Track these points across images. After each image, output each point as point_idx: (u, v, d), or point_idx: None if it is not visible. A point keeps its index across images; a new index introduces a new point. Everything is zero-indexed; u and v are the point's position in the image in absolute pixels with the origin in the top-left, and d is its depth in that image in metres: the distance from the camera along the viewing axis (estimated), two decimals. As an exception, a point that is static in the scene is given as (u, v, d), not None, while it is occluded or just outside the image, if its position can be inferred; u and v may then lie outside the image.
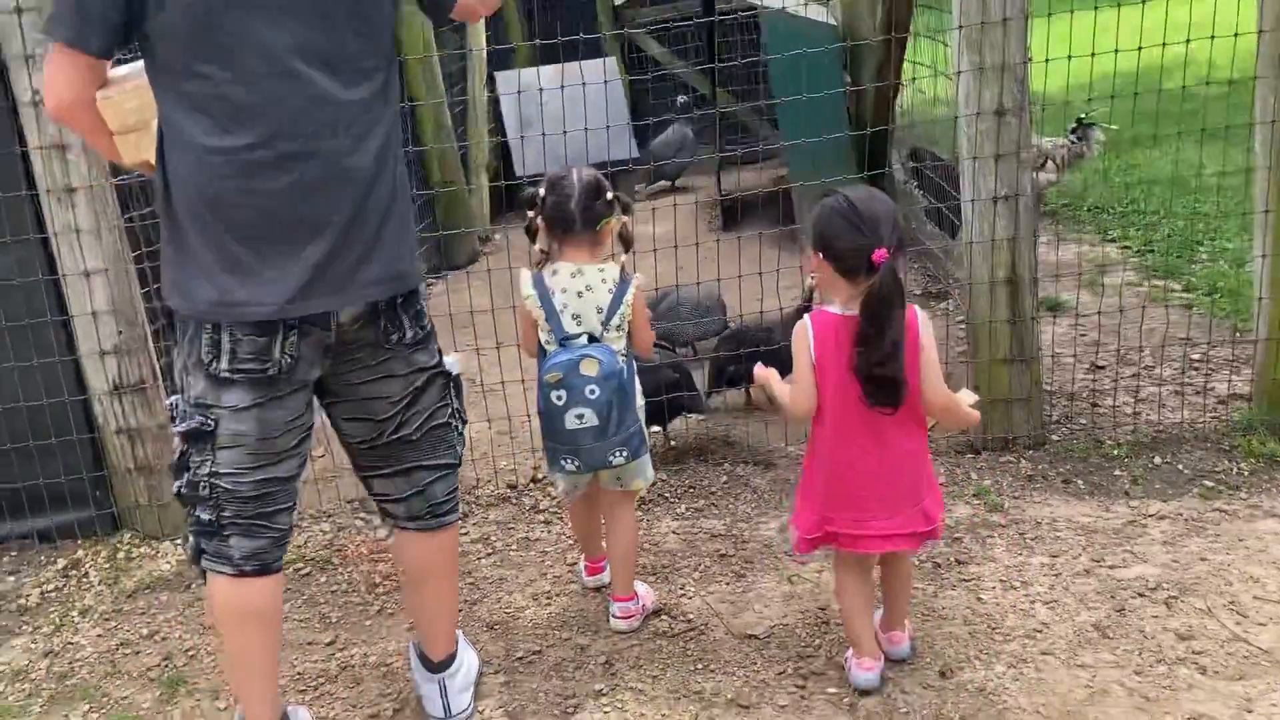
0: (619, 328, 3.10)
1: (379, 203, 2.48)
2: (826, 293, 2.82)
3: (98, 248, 3.97)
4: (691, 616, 3.45)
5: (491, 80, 9.18)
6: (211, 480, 2.53)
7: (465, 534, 4.09)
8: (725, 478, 4.30)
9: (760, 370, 3.00)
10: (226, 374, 2.46)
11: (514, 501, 4.30)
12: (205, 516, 2.57)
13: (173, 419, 2.60)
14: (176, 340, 2.55)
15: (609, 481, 3.24)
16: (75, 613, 3.84)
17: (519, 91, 8.11)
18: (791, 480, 4.12)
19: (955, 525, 3.83)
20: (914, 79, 6.22)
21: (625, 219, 3.15)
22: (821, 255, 2.71)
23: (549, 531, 4.08)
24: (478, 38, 8.70)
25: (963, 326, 5.59)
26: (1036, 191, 4.02)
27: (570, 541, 3.95)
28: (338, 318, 2.49)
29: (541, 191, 3.09)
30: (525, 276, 3.16)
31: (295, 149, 2.37)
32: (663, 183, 9.24)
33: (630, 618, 3.37)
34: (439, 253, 7.76)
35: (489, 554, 3.96)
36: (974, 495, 4.03)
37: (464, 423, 2.88)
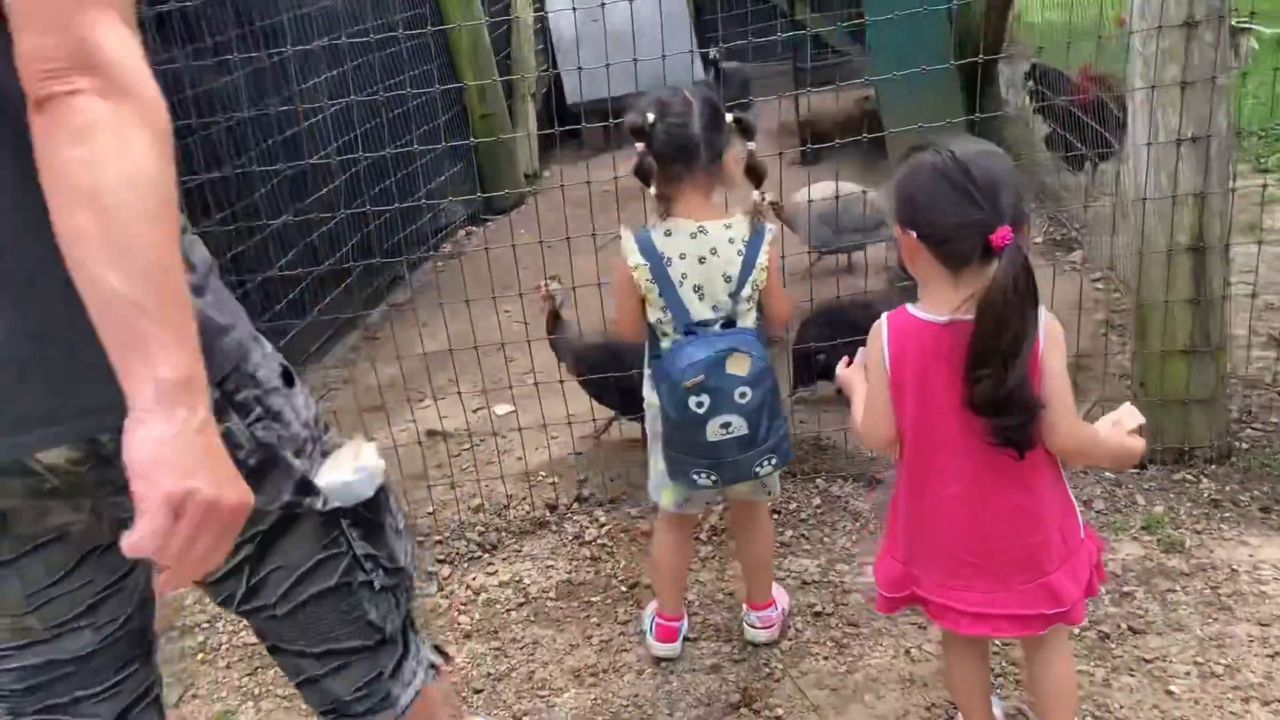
0: (750, 298, 2.45)
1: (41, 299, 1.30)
2: (920, 284, 2.03)
3: None
4: (780, 712, 2.62)
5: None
6: None
7: (492, 573, 3.29)
8: (818, 499, 3.43)
9: (844, 373, 2.22)
10: None
11: (554, 528, 3.48)
12: None
13: None
14: None
15: (747, 491, 2.67)
16: None
17: (573, 8, 7.13)
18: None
19: (1122, 573, 2.94)
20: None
21: (750, 145, 2.49)
22: (914, 233, 1.92)
23: (597, 572, 3.25)
24: (522, -52, 7.72)
25: (1098, 286, 4.62)
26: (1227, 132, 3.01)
27: (624, 589, 3.13)
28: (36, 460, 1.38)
29: (650, 116, 2.39)
30: (628, 237, 2.47)
31: None
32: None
33: (771, 627, 2.88)
34: (479, 195, 6.88)
35: (520, 603, 3.15)
36: (1142, 528, 3.12)
37: (393, 572, 1.69)
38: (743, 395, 2.38)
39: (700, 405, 2.38)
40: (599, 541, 3.37)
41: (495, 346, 4.27)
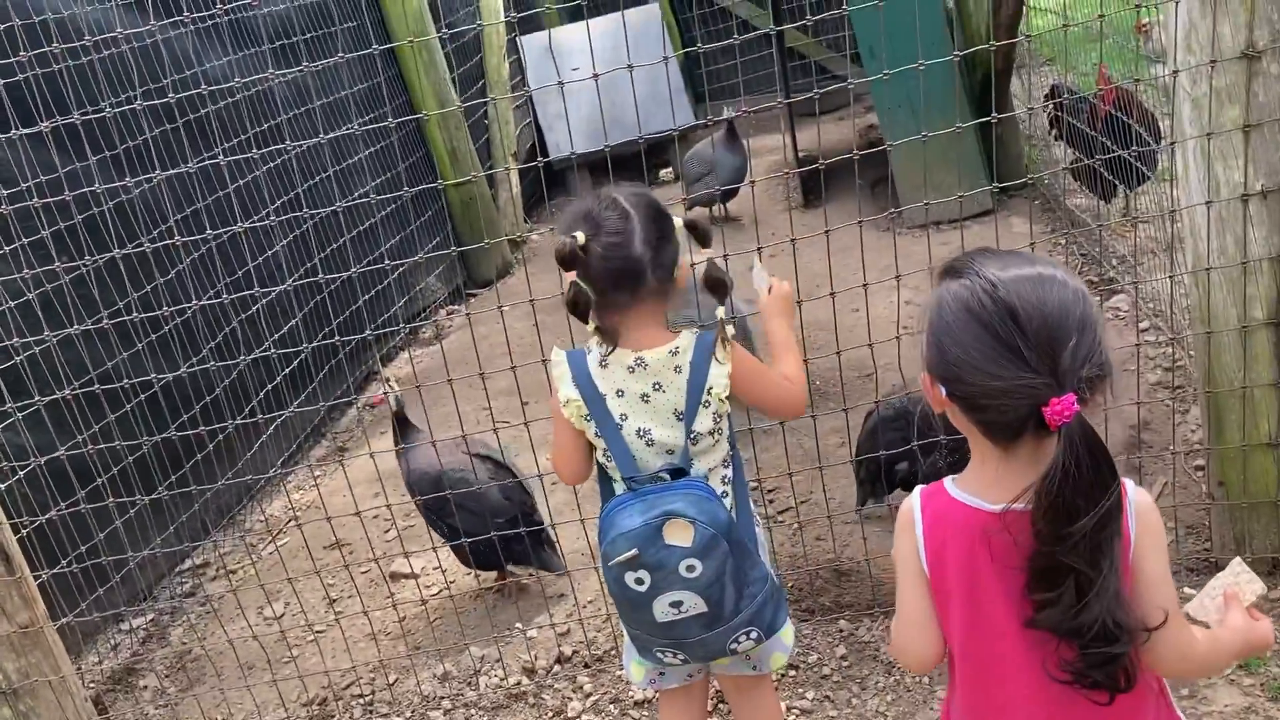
0: (715, 430, 2.01)
1: None
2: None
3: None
4: None
5: (514, 47, 7.72)
6: None
7: (461, 766, 2.76)
8: (842, 648, 2.86)
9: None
10: None
11: (531, 701, 2.93)
12: None
13: None
14: None
15: (733, 665, 2.16)
16: None
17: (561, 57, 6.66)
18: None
19: (1222, 734, 2.37)
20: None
21: (708, 253, 2.05)
22: (945, 392, 1.43)
23: (583, 761, 2.71)
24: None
25: (1148, 338, 4.05)
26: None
27: (614, 787, 2.59)
28: None
29: (580, 236, 1.93)
30: (560, 361, 2.05)
31: None
32: (700, 209, 5.82)
33: None
34: (460, 269, 6.39)
35: (491, 811, 2.62)
36: (1240, 667, 2.55)
37: None
38: (691, 569, 1.90)
39: (640, 583, 1.92)
40: (583, 718, 2.82)
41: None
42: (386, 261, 5.29)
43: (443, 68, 6.29)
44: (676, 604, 1.92)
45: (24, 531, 3.11)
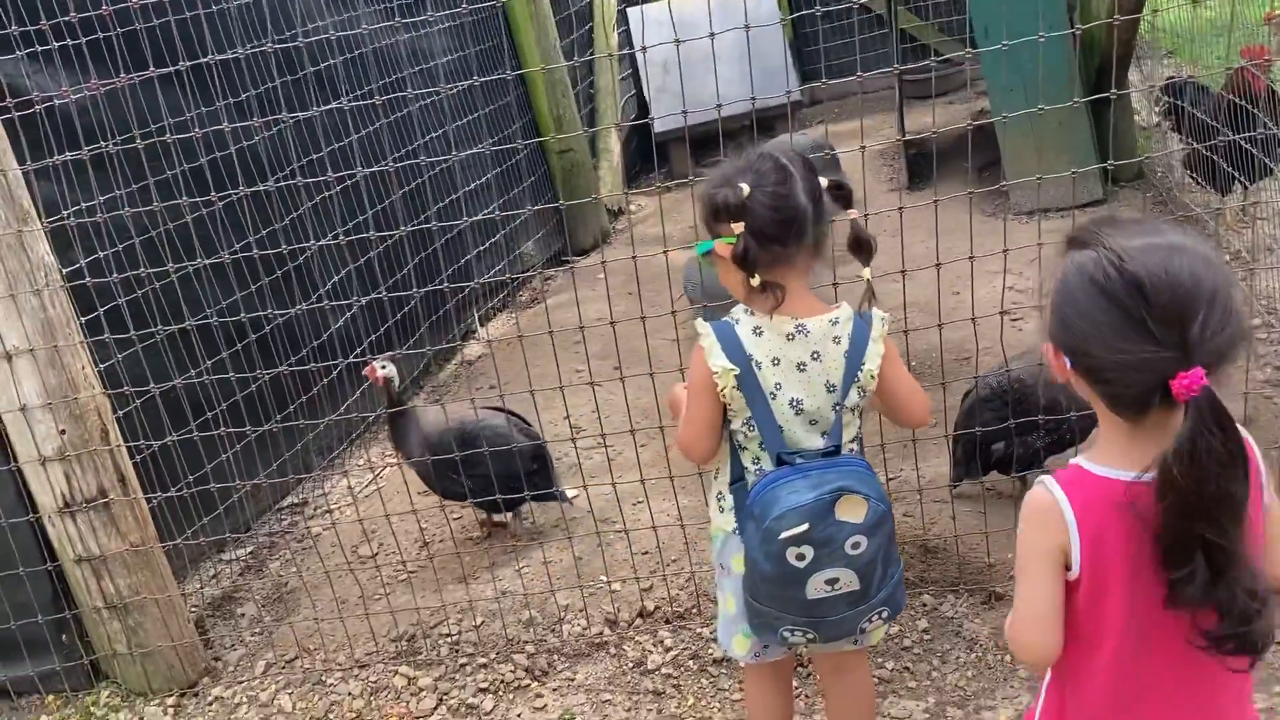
0: (856, 409, 2.01)
1: None
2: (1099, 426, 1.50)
3: (16, 319, 2.85)
4: None
5: (624, 18, 7.76)
6: None
7: (540, 707, 2.83)
8: (925, 621, 2.87)
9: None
10: None
11: (613, 650, 2.99)
12: None
13: None
14: None
15: (845, 643, 2.10)
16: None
17: (671, 28, 6.65)
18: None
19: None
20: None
21: (852, 213, 2.02)
22: (1070, 363, 1.43)
23: (659, 711, 2.76)
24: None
25: (1260, 335, 3.94)
26: None
27: (692, 737, 2.64)
28: None
29: (745, 187, 1.91)
30: (709, 334, 1.99)
31: None
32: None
33: None
34: (559, 234, 6.47)
35: (570, 753, 2.69)
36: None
37: None
38: (856, 546, 1.89)
39: (802, 559, 1.89)
40: (663, 671, 2.87)
41: (561, 417, 3.84)
42: (494, 215, 5.43)
43: (554, 35, 6.37)
44: (832, 581, 1.90)
45: (140, 457, 3.27)
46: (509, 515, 3.57)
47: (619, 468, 3.47)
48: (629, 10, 7.79)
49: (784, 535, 1.86)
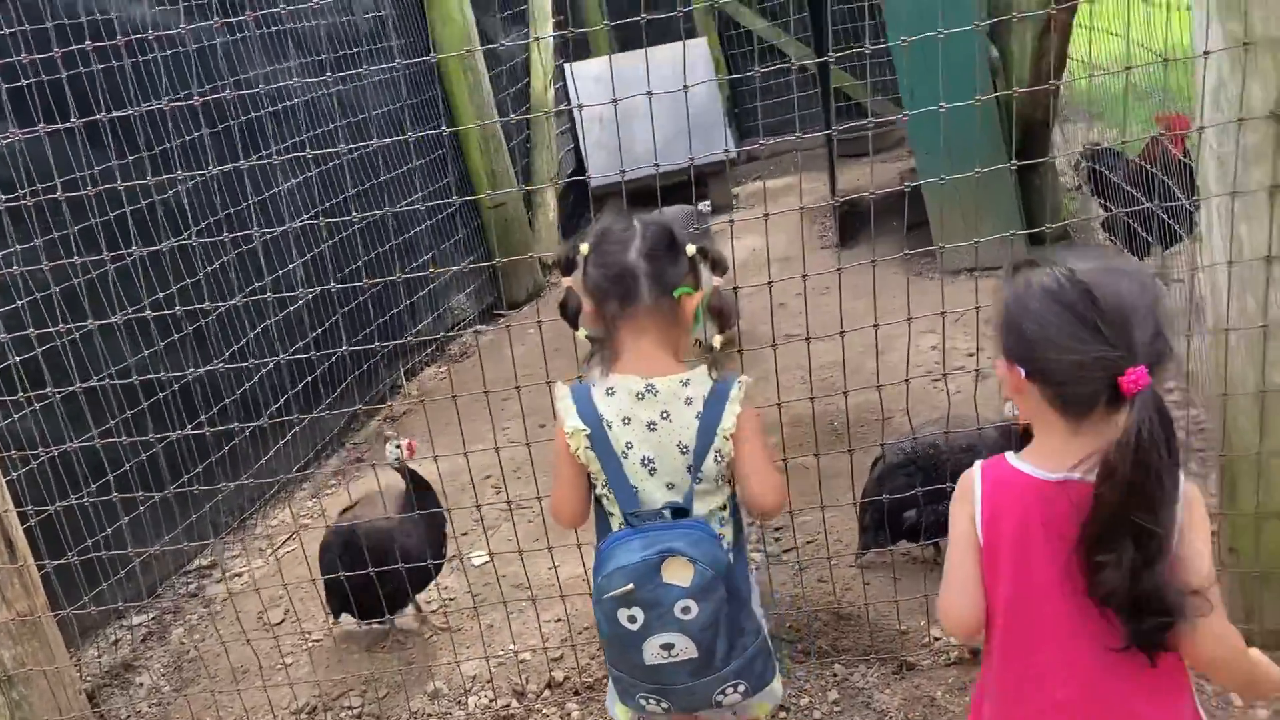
0: (718, 477, 1.97)
1: None
2: (1032, 427, 1.67)
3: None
4: None
5: (560, 73, 7.78)
6: None
7: (442, 786, 2.74)
8: (835, 692, 2.82)
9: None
10: None
11: (520, 725, 2.92)
12: None
13: None
14: None
15: (715, 713, 2.07)
16: None
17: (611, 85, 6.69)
18: (946, 705, 2.63)
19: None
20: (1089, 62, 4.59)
21: (716, 282, 2.04)
22: (1021, 370, 1.58)
23: (565, 790, 2.68)
24: (542, 24, 7.32)
25: (1173, 398, 3.97)
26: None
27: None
28: None
29: (584, 246, 1.98)
30: (564, 395, 2.01)
31: None
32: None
33: None
34: (493, 288, 6.43)
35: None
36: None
37: None
38: (686, 611, 1.87)
39: (634, 620, 1.88)
40: (574, 748, 2.80)
41: (480, 477, 3.77)
42: (424, 271, 5.40)
43: (488, 90, 6.37)
44: (667, 646, 1.88)
45: (31, 521, 3.15)
46: (410, 613, 3.39)
47: (534, 531, 3.40)
48: (565, 66, 7.82)
49: (609, 595, 1.87)
